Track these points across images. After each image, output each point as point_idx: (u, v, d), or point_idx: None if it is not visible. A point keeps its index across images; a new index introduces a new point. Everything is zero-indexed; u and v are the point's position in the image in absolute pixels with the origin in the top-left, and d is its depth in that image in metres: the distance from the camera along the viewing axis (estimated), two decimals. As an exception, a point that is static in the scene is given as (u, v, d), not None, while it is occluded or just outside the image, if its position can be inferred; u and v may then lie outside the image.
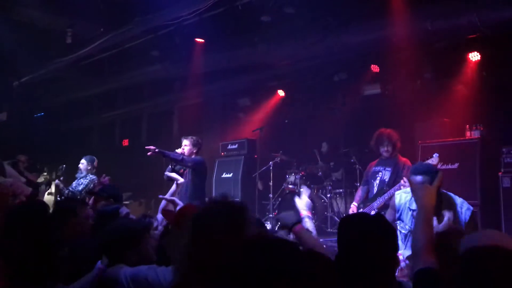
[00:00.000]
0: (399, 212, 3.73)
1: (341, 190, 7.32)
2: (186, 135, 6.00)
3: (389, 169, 5.13)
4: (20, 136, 10.39)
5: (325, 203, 7.30)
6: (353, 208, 4.93)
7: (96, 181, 6.40)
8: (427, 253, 1.91)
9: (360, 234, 1.88)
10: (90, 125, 12.81)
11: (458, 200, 3.46)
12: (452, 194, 3.45)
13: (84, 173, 6.58)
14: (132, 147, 11.75)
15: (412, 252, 2.00)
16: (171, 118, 11.08)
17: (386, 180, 5.09)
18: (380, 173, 5.21)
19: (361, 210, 4.71)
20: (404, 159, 5.22)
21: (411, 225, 3.53)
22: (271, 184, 7.62)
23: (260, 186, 8.17)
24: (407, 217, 3.63)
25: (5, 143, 9.22)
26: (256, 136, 8.09)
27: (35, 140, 10.87)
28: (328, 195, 7.32)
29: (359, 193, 5.35)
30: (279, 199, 7.64)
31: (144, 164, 10.56)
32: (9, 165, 6.69)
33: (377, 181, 5.20)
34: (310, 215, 3.21)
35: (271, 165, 7.70)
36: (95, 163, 6.65)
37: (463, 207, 3.42)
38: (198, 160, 5.77)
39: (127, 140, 12.03)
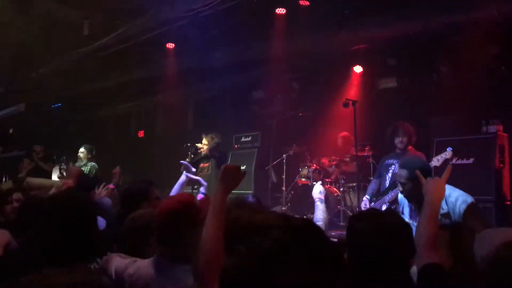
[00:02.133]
0: (401, 205, 3.80)
1: (354, 184, 7.29)
2: (200, 127, 6.17)
3: None
4: (37, 127, 10.54)
5: (338, 197, 7.27)
6: (365, 201, 4.92)
7: (97, 167, 6.71)
8: (430, 248, 1.88)
9: (376, 231, 1.81)
10: (106, 116, 12.93)
11: (455, 193, 3.42)
12: (450, 187, 3.38)
13: (84, 161, 6.88)
14: (148, 138, 11.84)
15: (416, 246, 1.97)
16: (186, 110, 11.13)
17: None
18: (393, 166, 5.21)
19: (373, 203, 4.68)
20: (418, 153, 5.19)
21: (409, 218, 3.57)
22: (283, 177, 7.61)
23: (274, 178, 8.17)
24: (407, 210, 3.68)
25: (23, 133, 9.37)
26: (270, 128, 8.03)
27: (53, 130, 11.03)
28: (341, 189, 7.29)
29: (371, 186, 5.35)
30: (292, 192, 7.64)
31: (159, 155, 10.66)
32: (23, 155, 6.89)
33: (390, 174, 5.21)
34: (322, 197, 3.23)
35: (284, 158, 7.69)
36: (94, 152, 7.01)
37: (459, 200, 3.37)
38: (221, 156, 6.44)
39: (143, 131, 12.13)
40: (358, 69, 7.99)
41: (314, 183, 7.16)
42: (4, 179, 8.17)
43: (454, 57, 6.77)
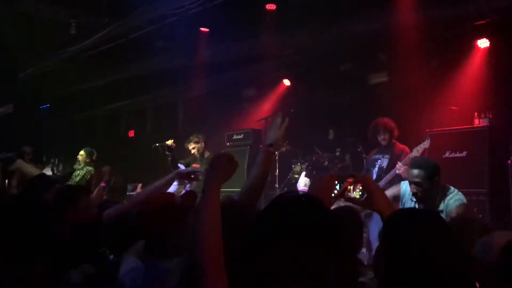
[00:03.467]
0: (403, 201, 3.85)
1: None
2: (191, 126, 6.12)
3: (387, 156, 5.28)
4: (25, 128, 10.40)
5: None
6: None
7: (93, 172, 6.51)
8: None
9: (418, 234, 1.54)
10: (96, 116, 12.82)
11: (452, 192, 3.55)
12: (452, 188, 3.57)
13: (82, 165, 6.69)
14: (137, 138, 11.75)
15: None
16: (176, 109, 11.06)
17: (384, 167, 5.24)
18: (379, 160, 5.37)
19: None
20: (402, 146, 5.31)
21: None
22: (276, 174, 7.58)
23: (266, 176, 8.13)
24: (408, 205, 3.73)
25: (11, 134, 9.24)
26: (261, 126, 8.04)
27: (41, 131, 10.90)
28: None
29: None
30: (285, 189, 7.61)
31: (149, 155, 10.56)
32: (14, 157, 6.76)
33: (376, 169, 5.37)
34: (307, 190, 3.24)
35: (277, 155, 7.65)
36: (94, 156, 6.78)
37: (452, 198, 3.49)
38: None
39: (133, 131, 12.04)
40: (348, 65, 7.99)
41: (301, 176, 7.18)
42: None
43: (444, 51, 6.81)
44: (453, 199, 3.48)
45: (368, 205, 1.90)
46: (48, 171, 7.61)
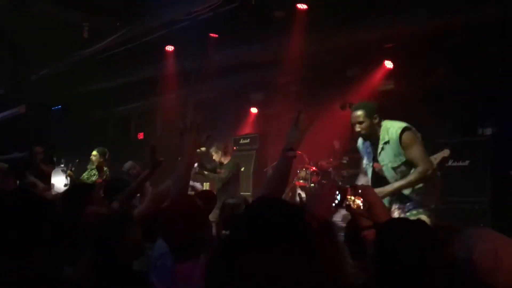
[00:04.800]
0: (361, 155, 4.30)
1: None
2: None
3: None
4: (37, 129, 10.58)
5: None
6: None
7: (108, 173, 6.52)
8: None
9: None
10: (106, 118, 12.96)
11: (390, 123, 3.95)
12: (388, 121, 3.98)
13: (95, 165, 6.70)
14: (147, 140, 11.86)
15: None
16: (186, 111, 11.15)
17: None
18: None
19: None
20: None
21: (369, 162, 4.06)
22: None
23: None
24: (366, 156, 4.18)
25: (23, 135, 9.42)
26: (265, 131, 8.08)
27: (52, 132, 11.07)
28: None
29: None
30: (290, 194, 7.67)
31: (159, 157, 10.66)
32: (26, 157, 6.86)
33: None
34: None
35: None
36: (107, 156, 6.77)
37: (392, 127, 3.89)
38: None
39: (142, 133, 12.16)
40: (355, 71, 8.03)
41: (312, 185, 7.24)
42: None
43: (451, 60, 6.83)
44: (394, 128, 3.80)
45: (368, 216, 1.96)
46: (58, 172, 7.73)
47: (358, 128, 3.91)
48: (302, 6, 6.95)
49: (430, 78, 7.11)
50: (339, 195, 2.29)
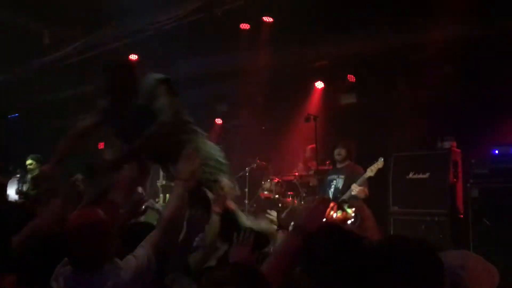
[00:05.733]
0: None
1: (316, 197, 7.38)
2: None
3: (342, 176, 5.36)
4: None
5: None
6: None
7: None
8: None
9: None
10: (66, 126, 12.60)
11: None
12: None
13: (36, 171, 6.74)
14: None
15: None
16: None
17: (340, 187, 5.39)
18: (334, 181, 5.48)
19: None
20: (356, 166, 5.41)
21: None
22: (246, 190, 7.63)
23: (237, 191, 8.16)
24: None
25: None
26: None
27: (9, 141, 10.68)
28: (302, 202, 7.37)
29: None
30: (254, 205, 7.66)
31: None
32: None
33: (332, 189, 5.40)
34: None
35: (247, 171, 7.72)
36: (42, 161, 6.95)
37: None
38: None
39: (103, 143, 11.89)
40: (319, 84, 8.16)
41: (276, 196, 7.25)
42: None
43: (411, 75, 7.03)
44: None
45: (360, 229, 2.00)
46: (13, 182, 7.46)
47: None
48: (268, 19, 7.00)
49: (392, 92, 7.27)
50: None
